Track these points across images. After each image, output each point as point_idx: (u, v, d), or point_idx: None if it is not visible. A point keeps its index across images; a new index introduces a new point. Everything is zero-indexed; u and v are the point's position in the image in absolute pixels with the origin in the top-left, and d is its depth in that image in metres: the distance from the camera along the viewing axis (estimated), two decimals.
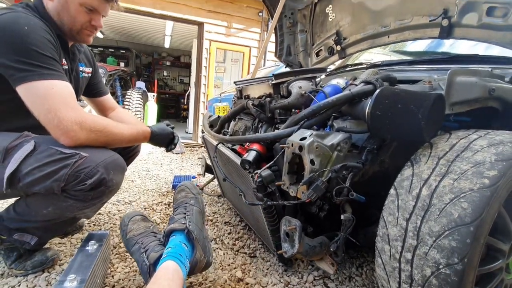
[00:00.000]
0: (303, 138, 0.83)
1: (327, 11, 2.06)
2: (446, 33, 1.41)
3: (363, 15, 1.82)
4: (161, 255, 0.86)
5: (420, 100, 0.73)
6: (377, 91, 0.82)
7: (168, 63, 9.89)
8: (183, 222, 0.93)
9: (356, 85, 1.02)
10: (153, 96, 5.37)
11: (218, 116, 1.69)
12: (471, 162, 0.66)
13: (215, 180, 2.01)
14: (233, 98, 1.64)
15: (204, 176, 2.10)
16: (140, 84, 6.51)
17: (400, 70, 1.36)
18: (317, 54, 2.28)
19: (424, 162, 0.74)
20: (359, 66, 1.70)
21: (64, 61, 1.01)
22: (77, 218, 1.03)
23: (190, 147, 4.40)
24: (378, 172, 0.98)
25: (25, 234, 0.94)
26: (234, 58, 5.93)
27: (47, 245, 1.10)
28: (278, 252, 0.92)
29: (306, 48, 2.35)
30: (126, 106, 5.59)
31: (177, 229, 0.92)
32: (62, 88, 0.87)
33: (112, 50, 7.59)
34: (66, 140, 0.85)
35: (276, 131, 0.97)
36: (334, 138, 0.86)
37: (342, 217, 0.81)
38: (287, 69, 2.54)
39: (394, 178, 0.83)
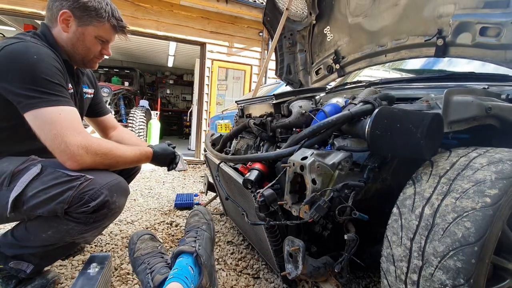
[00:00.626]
0: (304, 158, 0.84)
1: (325, 32, 2.13)
2: (442, 52, 1.45)
3: (360, 35, 1.88)
4: (166, 278, 0.85)
5: (418, 119, 0.74)
6: (376, 111, 0.83)
7: (171, 82, 10.10)
8: (193, 245, 0.93)
9: (355, 104, 1.04)
10: (156, 114, 5.45)
11: (220, 134, 1.71)
12: (472, 180, 0.67)
13: (218, 198, 2.01)
14: (235, 116, 1.67)
15: (206, 195, 2.10)
16: (144, 102, 6.62)
17: (398, 88, 1.39)
18: (317, 73, 2.33)
19: (425, 181, 0.75)
20: (358, 84, 1.74)
21: (70, 85, 1.05)
22: (75, 244, 1.03)
23: (192, 164, 4.41)
24: (381, 190, 0.98)
25: (21, 262, 0.94)
26: (236, 76, 6.05)
27: (47, 268, 1.09)
28: (282, 274, 0.90)
29: (305, 66, 2.41)
30: (130, 124, 5.66)
31: (186, 251, 0.91)
32: (69, 113, 0.90)
33: (117, 70, 7.79)
34: (73, 164, 0.87)
35: (278, 150, 0.99)
36: (335, 157, 0.87)
37: (345, 237, 0.81)
38: (288, 88, 2.59)
39: (397, 195, 0.83)
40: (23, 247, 0.93)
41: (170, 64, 8.88)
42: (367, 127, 0.86)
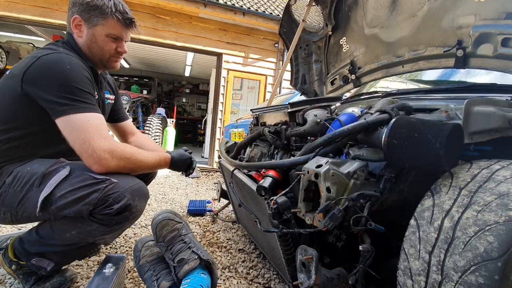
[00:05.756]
0: (319, 166, 0.84)
1: (341, 43, 2.14)
2: (462, 63, 1.42)
3: (377, 46, 1.87)
4: (171, 285, 0.86)
5: (437, 129, 0.73)
6: (393, 120, 0.83)
7: (187, 91, 10.34)
8: (195, 258, 0.93)
9: (372, 113, 1.03)
10: (172, 121, 5.58)
11: (235, 142, 1.73)
12: (495, 193, 0.64)
13: (230, 205, 2.01)
14: (250, 125, 1.69)
15: (219, 201, 2.11)
16: (160, 110, 6.80)
17: (416, 98, 1.37)
18: (332, 83, 2.33)
19: (445, 193, 0.73)
20: (374, 95, 1.72)
21: (95, 92, 1.10)
22: (95, 244, 1.06)
23: (205, 171, 4.46)
24: (397, 201, 0.96)
25: (43, 259, 0.97)
26: (251, 86, 6.13)
27: (65, 266, 1.12)
28: (294, 284, 0.89)
29: (321, 77, 2.42)
30: (147, 131, 5.82)
31: (194, 268, 0.92)
32: (96, 120, 0.95)
33: (137, 79, 8.07)
34: (99, 168, 0.91)
35: (292, 158, 0.99)
36: (351, 166, 0.87)
37: (360, 248, 0.79)
38: (303, 98, 2.60)
39: (414, 207, 0.81)
40: (46, 245, 0.96)
41: (187, 73, 9.12)
42: (383, 136, 0.85)
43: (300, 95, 2.63)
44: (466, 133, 0.78)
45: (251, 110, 1.62)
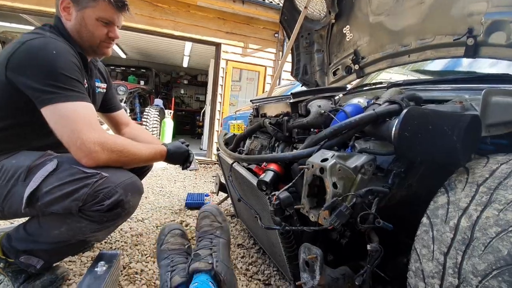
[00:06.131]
0: (325, 159, 0.79)
1: (344, 31, 2.06)
2: (472, 52, 1.36)
3: (382, 35, 1.80)
4: (182, 283, 0.82)
5: (454, 121, 0.68)
6: (405, 111, 0.77)
7: (185, 82, 10.20)
8: (209, 262, 0.88)
9: (379, 104, 0.97)
10: (170, 113, 5.49)
11: (234, 134, 1.67)
12: None
13: (229, 199, 1.97)
14: (250, 116, 1.63)
15: (217, 195, 2.06)
16: (158, 101, 6.70)
17: (424, 89, 1.31)
18: (334, 73, 2.26)
19: (460, 189, 0.68)
20: (379, 86, 1.66)
21: (84, 80, 1.03)
22: (87, 241, 1.00)
23: (204, 164, 4.41)
24: (406, 196, 0.91)
25: (32, 257, 0.92)
26: (250, 77, 6.03)
27: (56, 263, 1.07)
28: (297, 283, 0.85)
29: (322, 67, 2.35)
30: (144, 122, 5.74)
31: (203, 270, 0.87)
32: (85, 109, 0.88)
33: (134, 69, 7.93)
34: (89, 161, 0.85)
35: (295, 151, 0.93)
36: (358, 160, 0.81)
37: (368, 247, 0.74)
38: (304, 88, 2.53)
39: (424, 204, 0.76)
40: (34, 242, 0.91)
41: (185, 64, 8.97)
42: (394, 128, 0.79)
43: (301, 86, 2.56)
44: (483, 125, 0.72)
45: (250, 101, 1.55)
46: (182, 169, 1.24)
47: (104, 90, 1.25)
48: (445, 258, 0.62)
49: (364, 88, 1.84)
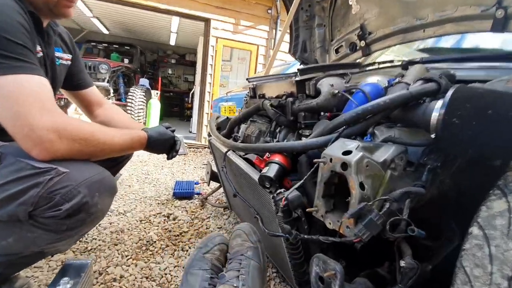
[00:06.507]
0: (347, 152, 0.62)
1: (350, 3, 1.84)
2: (501, 25, 1.18)
3: (394, 7, 1.60)
4: None
5: None
6: (452, 90, 0.60)
7: (173, 61, 9.73)
8: (234, 285, 0.71)
9: (407, 84, 0.80)
10: (157, 93, 5.18)
11: (227, 117, 1.48)
12: None
13: (222, 188, 1.80)
14: (245, 97, 1.43)
15: (209, 185, 1.90)
16: (144, 81, 6.33)
17: (447, 68, 1.14)
18: (337, 51, 2.06)
19: None
20: (391, 64, 1.48)
21: (38, 47, 0.80)
22: (45, 253, 0.81)
23: (193, 148, 4.20)
24: (436, 196, 0.77)
25: None
26: (241, 57, 5.73)
27: None
28: None
29: (324, 44, 2.14)
30: (129, 104, 5.42)
31: None
32: (36, 85, 0.67)
33: (117, 46, 7.44)
34: (42, 153, 0.65)
35: (306, 140, 0.76)
36: (386, 153, 0.65)
37: (401, 263, 0.60)
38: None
39: (455, 203, 0.62)
40: None
41: (172, 42, 8.48)
42: (435, 113, 0.63)
43: (300, 65, 2.35)
44: None
45: (247, 79, 1.35)
46: (168, 158, 1.05)
47: (69, 62, 1.02)
48: (510, 283, 0.47)
49: (371, 68, 1.66)
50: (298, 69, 0.96)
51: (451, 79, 0.83)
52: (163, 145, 0.98)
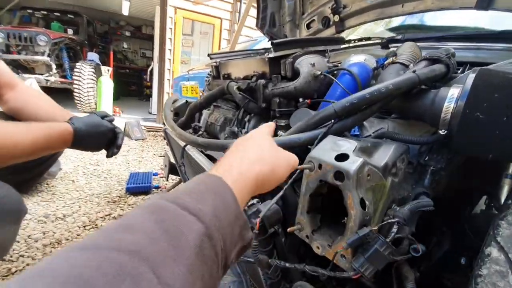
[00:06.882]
0: (342, 156, 0.47)
1: None
2: (487, 3, 1.10)
3: None
4: None
5: None
6: (473, 75, 0.46)
7: (127, 34, 8.82)
8: None
9: (405, 65, 0.66)
10: (108, 70, 4.60)
11: (186, 101, 1.25)
12: None
13: (182, 183, 1.60)
14: (207, 77, 1.21)
15: (167, 180, 1.68)
16: (93, 55, 5.62)
17: (430, 47, 1.03)
18: (308, 26, 1.88)
19: None
20: (370, 42, 1.35)
21: None
22: None
23: (153, 131, 3.85)
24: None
25: None
26: (203, 31, 5.31)
27: None
28: None
29: (294, 17, 1.94)
30: (76, 82, 4.78)
31: None
32: None
33: (58, 14, 6.47)
34: None
35: (284, 136, 0.59)
36: (387, 154, 0.51)
37: None
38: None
39: (453, 208, 0.52)
40: None
41: (125, 12, 7.56)
42: (448, 103, 0.49)
43: (268, 42, 2.14)
44: None
45: (209, 55, 1.13)
46: (108, 156, 0.82)
47: None
48: None
49: (346, 45, 1.52)
50: (272, 43, 0.77)
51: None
52: (97, 140, 0.75)
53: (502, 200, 0.61)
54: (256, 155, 0.37)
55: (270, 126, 0.49)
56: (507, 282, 0.42)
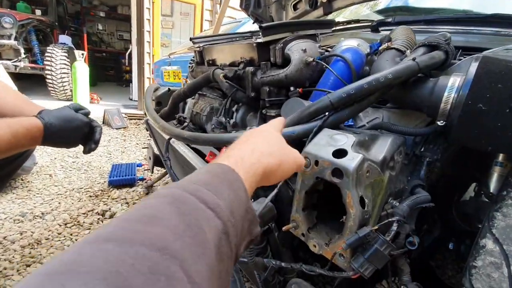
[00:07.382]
0: (340, 152, 0.44)
1: None
2: None
3: None
4: None
5: None
6: (476, 63, 0.44)
7: (102, 14, 8.26)
8: None
9: (400, 51, 0.63)
10: (82, 54, 4.32)
11: (168, 89, 1.18)
12: None
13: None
14: (190, 63, 1.15)
15: (152, 173, 1.62)
16: (65, 38, 5.26)
17: (422, 31, 1.01)
18: (295, 7, 1.81)
19: None
20: (359, 25, 1.31)
21: None
22: None
23: (134, 119, 3.71)
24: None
25: None
26: (184, 12, 5.06)
27: None
28: None
29: None
30: (48, 67, 4.48)
31: None
32: None
33: None
34: None
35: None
36: (384, 147, 0.49)
37: None
38: (256, 27, 2.03)
39: (444, 195, 0.53)
40: None
41: None
42: (447, 93, 0.47)
43: (253, 23, 2.05)
44: None
45: (191, 39, 1.05)
46: (85, 152, 0.76)
47: None
48: None
49: (338, 28, 1.47)
50: (260, 27, 0.72)
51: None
52: (71, 135, 0.69)
53: (491, 187, 0.61)
54: (267, 148, 0.35)
55: (281, 120, 0.46)
56: (501, 273, 0.42)
